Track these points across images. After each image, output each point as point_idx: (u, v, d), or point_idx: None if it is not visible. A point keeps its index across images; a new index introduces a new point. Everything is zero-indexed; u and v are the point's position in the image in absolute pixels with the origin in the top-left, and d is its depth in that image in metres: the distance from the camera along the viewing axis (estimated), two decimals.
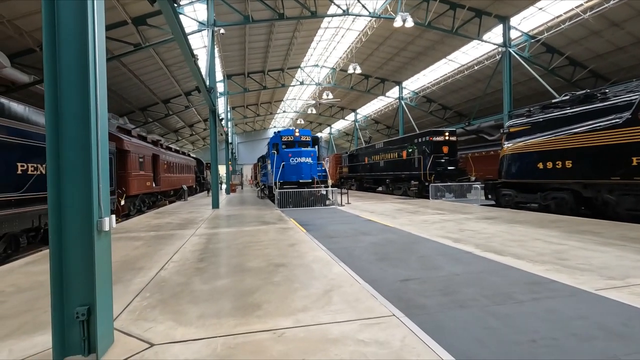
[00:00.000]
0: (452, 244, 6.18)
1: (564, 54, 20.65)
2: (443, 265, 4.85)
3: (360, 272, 4.57)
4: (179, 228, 9.16)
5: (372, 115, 45.03)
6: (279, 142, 15.84)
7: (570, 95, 10.91)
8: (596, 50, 19.79)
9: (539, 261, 4.88)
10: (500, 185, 12.71)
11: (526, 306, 3.28)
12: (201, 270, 4.90)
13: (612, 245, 5.72)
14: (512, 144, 12.10)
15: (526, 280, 4.06)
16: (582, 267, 4.52)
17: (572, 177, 9.73)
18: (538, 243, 6.07)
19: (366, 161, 26.95)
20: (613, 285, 3.81)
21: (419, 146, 19.14)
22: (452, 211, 11.45)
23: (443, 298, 3.55)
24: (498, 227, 7.93)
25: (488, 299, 3.50)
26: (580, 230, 7.15)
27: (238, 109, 43.03)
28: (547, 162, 10.51)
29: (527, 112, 12.29)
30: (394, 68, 29.63)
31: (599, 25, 17.69)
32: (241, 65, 27.46)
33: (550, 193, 10.58)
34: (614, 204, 8.77)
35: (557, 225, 7.83)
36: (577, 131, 9.69)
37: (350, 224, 9.11)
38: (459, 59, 26.12)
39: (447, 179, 17.75)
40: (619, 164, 8.46)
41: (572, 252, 5.36)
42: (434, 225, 8.51)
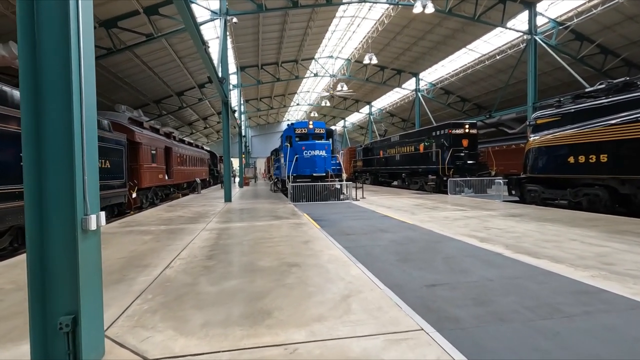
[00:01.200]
0: (479, 244, 5.69)
1: (594, 41, 19.45)
2: (472, 268, 4.38)
3: (380, 274, 4.16)
4: (189, 222, 8.92)
5: (387, 108, 44.12)
6: (292, 135, 15.46)
7: (606, 83, 10.11)
8: (630, 37, 18.54)
9: (581, 266, 4.36)
10: (526, 180, 12.02)
11: (578, 322, 2.81)
12: (209, 269, 4.59)
13: None
14: (539, 136, 11.38)
15: (571, 288, 3.57)
16: (634, 274, 3.99)
17: (608, 172, 9.02)
18: (575, 244, 5.51)
19: (381, 155, 26.34)
20: None
21: (437, 139, 18.44)
22: (473, 207, 10.87)
23: (478, 309, 3.11)
24: (527, 225, 7.37)
25: (531, 311, 3.04)
26: (621, 230, 6.53)
27: (251, 101, 42.82)
28: (579, 156, 9.80)
29: (557, 102, 11.51)
30: (411, 59, 28.74)
31: (636, 9, 16.50)
32: (254, 57, 27.10)
33: (582, 189, 9.88)
34: None
35: (593, 224, 7.21)
36: (614, 122, 8.95)
37: (366, 220, 8.69)
38: (479, 48, 25.05)
39: (466, 174, 17.05)
40: None
41: (617, 255, 4.81)
42: (457, 222, 8.00)
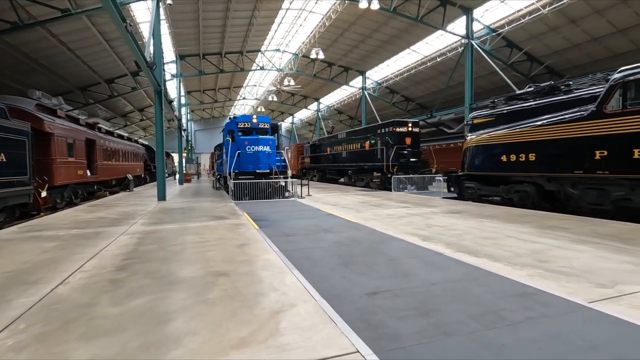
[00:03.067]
0: (421, 243, 5.54)
1: (522, 49, 21.06)
2: (416, 271, 4.14)
3: (318, 282, 3.74)
4: (110, 224, 7.81)
5: (335, 105, 44.39)
6: (234, 129, 14.58)
7: (534, 87, 10.76)
8: (553, 47, 20.35)
9: (519, 264, 4.33)
10: (463, 177, 12.49)
11: (523, 330, 2.62)
12: (116, 283, 3.82)
13: (587, 243, 5.37)
14: (475, 135, 11.85)
15: (513, 291, 3.44)
16: (566, 271, 4.01)
17: (536, 170, 9.58)
18: (512, 241, 5.59)
19: (329, 152, 26.26)
20: (607, 296, 3.28)
21: (382, 137, 18.68)
22: (416, 204, 11.01)
23: (422, 320, 2.81)
24: (467, 222, 7.47)
25: (476, 320, 2.80)
26: (550, 225, 6.84)
27: (194, 93, 40.48)
28: (511, 155, 10.32)
29: (491, 103, 12.08)
30: (358, 56, 29.00)
31: (557, 21, 18.08)
32: (196, 46, 25.42)
33: (514, 186, 10.43)
34: (576, 198, 8.68)
35: (525, 220, 7.52)
36: (540, 123, 9.51)
37: (310, 219, 8.28)
38: (422, 49, 25.99)
39: (409, 171, 17.47)
40: (583, 158, 8.33)
41: (549, 252, 4.90)
42: (401, 220, 7.90)
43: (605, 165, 7.83)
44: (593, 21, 17.59)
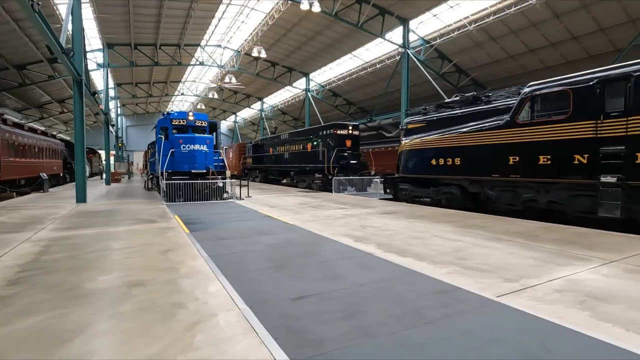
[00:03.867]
0: (354, 244, 5.63)
1: (452, 61, 22.79)
2: (346, 272, 4.18)
3: (245, 289, 3.58)
4: (11, 231, 6.80)
5: (279, 105, 44.07)
6: (168, 126, 13.67)
7: (460, 96, 11.65)
8: (478, 61, 22.32)
9: (440, 262, 4.59)
10: (398, 179, 13.09)
11: (439, 328, 2.73)
12: (6, 300, 3.29)
13: (501, 240, 5.89)
14: (409, 140, 12.49)
15: (433, 288, 3.61)
16: (481, 268, 4.34)
17: (461, 173, 10.36)
18: (437, 240, 5.93)
19: (271, 152, 25.93)
20: (512, 289, 3.59)
21: (323, 139, 18.90)
22: (354, 205, 11.27)
23: (345, 324, 2.80)
24: (399, 222, 7.80)
25: (397, 320, 2.87)
26: (471, 225, 7.42)
27: (126, 86, 37.39)
28: (440, 159, 11.04)
29: (423, 110, 12.83)
30: (302, 58, 29.07)
31: (481, 38, 19.86)
32: (126, 34, 23.47)
33: (442, 188, 11.16)
34: (494, 199, 9.54)
35: (450, 220, 8.06)
36: (465, 130, 10.30)
37: (246, 222, 8.02)
38: (363, 55, 26.86)
39: (349, 173, 17.89)
40: (499, 163, 9.17)
41: (469, 249, 5.28)
42: (337, 221, 8.00)
43: (517, 170, 8.71)
44: (510, 40, 19.64)
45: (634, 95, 6.71)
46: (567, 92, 7.76)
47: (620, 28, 16.30)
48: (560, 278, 3.95)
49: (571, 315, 2.96)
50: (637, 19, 15.28)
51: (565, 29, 17.74)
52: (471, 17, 18.79)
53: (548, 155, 8.04)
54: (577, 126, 7.54)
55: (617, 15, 15.96)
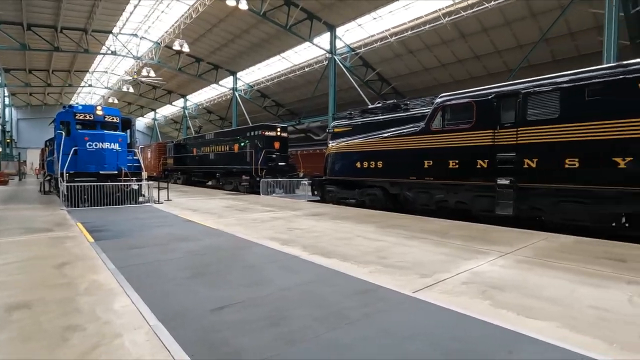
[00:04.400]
0: (280, 247, 5.55)
1: (375, 69, 24.15)
2: (271, 277, 4.07)
3: (159, 302, 3.25)
4: None
5: (205, 103, 42.00)
6: (70, 120, 12.01)
7: (382, 103, 12.36)
8: (398, 71, 24.01)
9: (364, 262, 4.76)
10: (326, 182, 13.37)
11: (360, 328, 2.79)
12: None
13: (418, 238, 6.34)
14: (336, 143, 12.86)
15: (355, 288, 3.70)
16: (400, 265, 4.60)
17: (383, 176, 10.97)
18: (361, 240, 6.15)
19: (195, 153, 24.53)
20: (427, 284, 3.86)
21: (251, 140, 18.49)
22: (282, 208, 11.18)
23: (270, 332, 2.70)
24: (325, 224, 7.93)
25: (321, 322, 2.87)
26: (392, 224, 7.87)
27: (17, 72, 32.06)
28: (364, 162, 11.56)
29: (348, 114, 13.32)
30: (229, 55, 28.12)
31: (401, 50, 21.40)
32: (16, 12, 20.16)
33: (366, 190, 11.69)
34: (412, 200, 10.29)
35: (373, 220, 8.45)
36: (386, 135, 10.95)
37: (165, 227, 7.40)
38: (292, 57, 27.00)
39: (278, 175, 17.76)
40: (416, 166, 9.92)
41: (390, 249, 5.56)
42: (264, 224, 7.83)
43: (430, 173, 9.52)
44: (425, 55, 21.53)
45: (522, 110, 7.80)
46: (472, 104, 8.72)
47: (512, 51, 18.97)
48: (466, 271, 4.36)
49: (475, 305, 3.27)
50: (524, 44, 17.92)
51: (469, 48, 20.04)
52: (392, 29, 20.14)
53: (456, 160, 8.93)
54: (479, 134, 8.51)
55: (510, 41, 18.55)
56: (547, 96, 7.48)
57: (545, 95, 7.52)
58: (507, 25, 17.65)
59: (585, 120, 6.87)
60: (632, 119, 6.31)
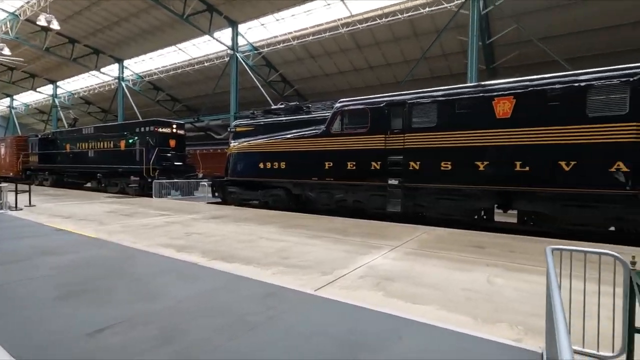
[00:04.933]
0: (176, 255, 5.11)
1: (278, 70, 24.27)
2: (166, 288, 3.70)
3: (16, 334, 2.64)
4: None
5: (82, 92, 36.20)
6: None
7: (285, 104, 12.48)
8: (300, 75, 24.57)
9: (266, 264, 4.70)
10: (227, 182, 12.87)
11: (263, 332, 2.73)
12: None
13: (319, 237, 6.56)
14: (238, 143, 12.49)
15: (259, 292, 3.62)
16: (303, 265, 4.68)
17: (286, 176, 11.07)
18: (263, 242, 6.08)
19: (69, 149, 20.95)
20: (328, 281, 4.02)
21: (142, 136, 16.65)
22: (178, 211, 10.34)
23: (162, 351, 2.43)
24: (227, 227, 7.61)
25: (221, 332, 2.71)
26: (295, 224, 7.98)
27: None
28: (267, 162, 11.49)
29: (251, 114, 13.08)
30: (113, 40, 24.81)
31: (303, 54, 21.96)
32: None
33: (269, 190, 11.64)
34: (314, 200, 10.62)
35: (276, 221, 8.45)
36: (289, 137, 11.09)
37: (26, 239, 6.10)
38: (190, 50, 25.27)
39: (173, 175, 16.38)
40: (317, 167, 10.28)
41: (292, 249, 5.62)
42: (157, 230, 7.11)
43: (331, 174, 9.98)
44: (325, 61, 22.54)
45: (408, 118, 8.78)
46: (367, 110, 9.45)
47: (400, 65, 21.24)
48: (363, 265, 4.68)
49: (370, 297, 3.53)
50: (409, 60, 20.22)
51: (365, 59, 21.73)
52: (295, 33, 20.52)
53: (354, 161, 9.56)
54: (373, 139, 9.27)
55: (398, 56, 20.74)
56: (427, 107, 8.57)
57: (425, 106, 8.61)
58: (395, 41, 19.69)
59: (455, 129, 8.09)
60: (489, 129, 7.68)
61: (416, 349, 2.51)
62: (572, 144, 6.79)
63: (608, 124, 6.48)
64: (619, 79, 6.48)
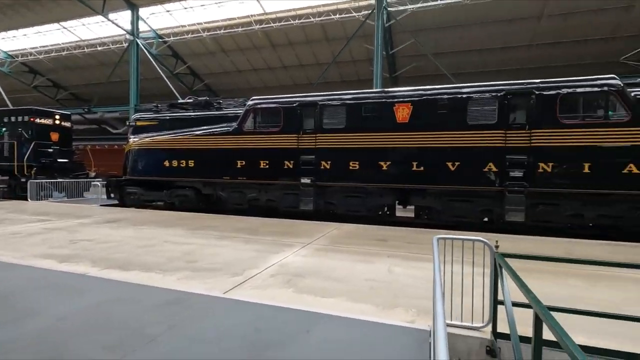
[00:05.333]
0: (58, 266, 4.40)
1: (187, 62, 22.72)
2: (42, 305, 3.16)
3: None
4: None
5: None
6: None
7: (193, 99, 11.76)
8: (211, 69, 23.40)
9: (170, 269, 4.38)
10: (125, 182, 11.57)
11: (165, 343, 2.53)
12: None
13: (229, 238, 6.35)
14: (139, 138, 11.35)
15: (160, 300, 3.34)
16: (211, 267, 4.48)
17: (195, 175, 10.43)
18: (168, 246, 5.64)
19: None
20: (237, 283, 3.92)
21: (12, 127, 13.95)
22: (62, 215, 8.93)
23: None
24: (124, 231, 6.84)
25: (113, 350, 2.42)
26: (203, 225, 7.58)
27: None
28: (174, 160, 10.68)
29: (155, 107, 12.00)
30: None
31: (214, 47, 20.96)
32: None
33: (176, 190, 10.83)
34: (225, 200, 10.23)
35: (183, 223, 7.90)
36: (198, 133, 10.49)
37: None
38: (79, 31, 21.99)
39: (57, 174, 14.08)
40: (229, 166, 9.94)
41: (200, 251, 5.33)
42: (32, 238, 6.03)
43: (243, 173, 9.75)
44: (238, 57, 21.90)
45: (319, 118, 9.06)
46: (279, 110, 9.47)
47: (313, 67, 21.79)
48: (274, 264, 4.69)
49: (281, 295, 3.55)
50: (322, 63, 20.86)
51: (279, 58, 21.74)
52: (205, 24, 19.46)
53: (267, 160, 9.50)
54: (286, 138, 9.34)
55: (310, 58, 21.26)
56: (337, 109, 8.98)
57: (335, 108, 9.00)
58: (308, 43, 20.14)
59: (362, 131, 8.65)
60: (390, 132, 8.40)
61: (323, 340, 2.60)
62: (456, 147, 7.85)
63: (482, 131, 7.67)
64: (490, 93, 7.72)
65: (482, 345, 2.77)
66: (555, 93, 7.29)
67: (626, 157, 6.76)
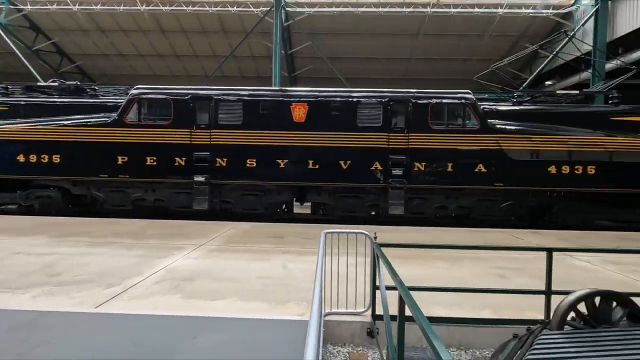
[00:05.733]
0: None
1: (51, 39, 19.09)
2: None
3: None
4: None
5: None
6: None
7: (59, 82, 9.95)
8: (84, 49, 20.11)
9: (24, 286, 3.64)
10: None
11: None
12: None
13: (106, 244, 5.59)
14: None
15: (7, 325, 2.74)
16: (79, 280, 3.88)
17: (62, 173, 8.86)
18: (22, 258, 4.67)
19: None
20: (114, 294, 3.49)
21: None
22: None
23: None
24: None
25: None
26: (74, 232, 6.49)
27: None
28: (32, 155, 8.86)
29: (3, 89, 9.75)
30: None
31: (89, 25, 18.08)
32: None
33: (35, 191, 9.01)
34: (103, 201, 8.95)
35: (43, 230, 6.61)
36: (67, 124, 8.93)
37: None
38: None
39: None
40: (107, 162, 8.72)
41: (65, 262, 4.56)
42: None
43: (126, 170, 8.68)
44: (120, 38, 19.36)
45: (214, 113, 8.64)
46: (169, 102, 8.72)
47: (209, 59, 20.59)
48: (161, 269, 4.31)
49: (166, 302, 3.29)
50: (219, 55, 19.87)
51: (170, 45, 19.96)
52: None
53: (154, 156, 8.64)
54: (177, 132, 8.65)
55: (207, 49, 20.08)
56: (234, 105, 8.71)
57: (232, 103, 8.72)
58: (204, 33, 18.97)
59: (260, 129, 8.57)
60: (288, 131, 8.53)
61: (210, 345, 2.51)
62: (348, 147, 8.43)
63: (370, 133, 8.41)
64: (376, 99, 8.52)
65: (363, 328, 3.04)
66: (427, 102, 8.46)
67: (477, 159, 8.27)
